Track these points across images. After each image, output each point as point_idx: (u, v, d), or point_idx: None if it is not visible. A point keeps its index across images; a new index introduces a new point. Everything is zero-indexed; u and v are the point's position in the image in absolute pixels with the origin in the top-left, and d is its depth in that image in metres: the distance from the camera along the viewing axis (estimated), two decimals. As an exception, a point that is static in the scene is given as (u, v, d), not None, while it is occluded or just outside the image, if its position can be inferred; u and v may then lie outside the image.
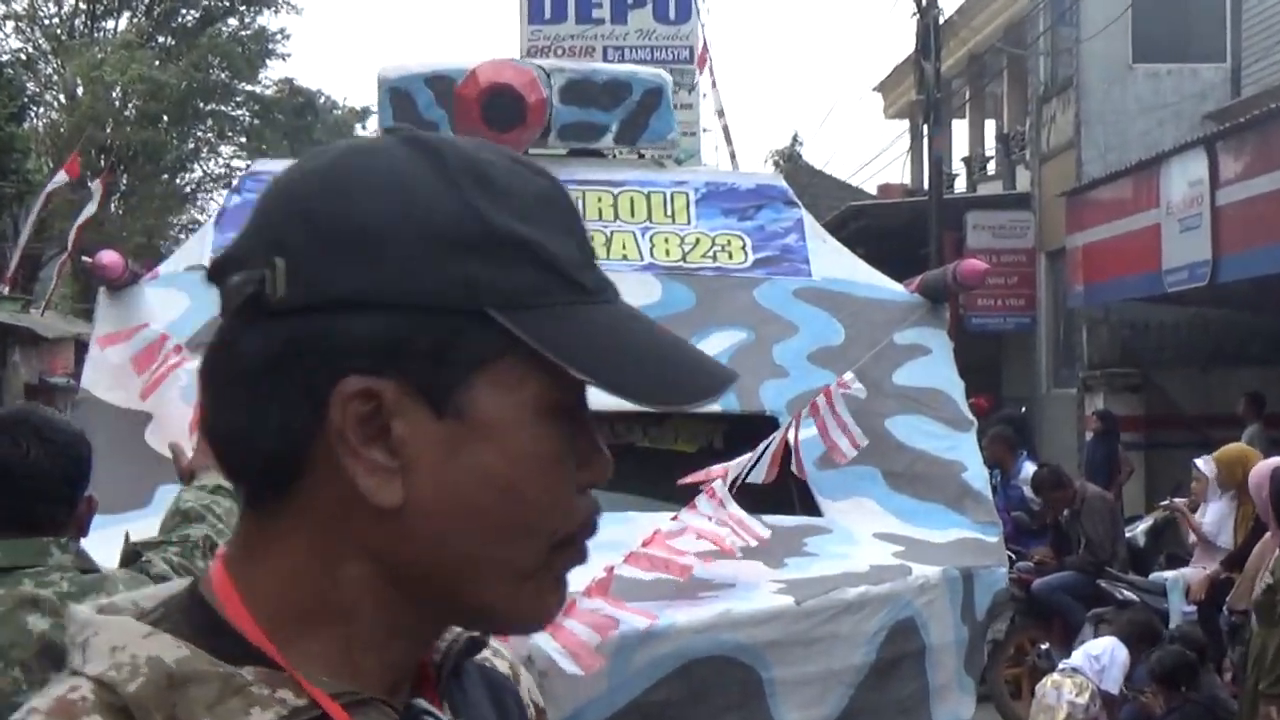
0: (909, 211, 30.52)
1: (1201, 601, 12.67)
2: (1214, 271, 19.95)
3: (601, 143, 9.43)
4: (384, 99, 9.45)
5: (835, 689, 6.71)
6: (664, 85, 9.74)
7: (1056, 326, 28.73)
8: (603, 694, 6.04)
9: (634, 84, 9.59)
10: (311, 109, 50.27)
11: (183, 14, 44.06)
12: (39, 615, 3.99)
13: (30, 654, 3.97)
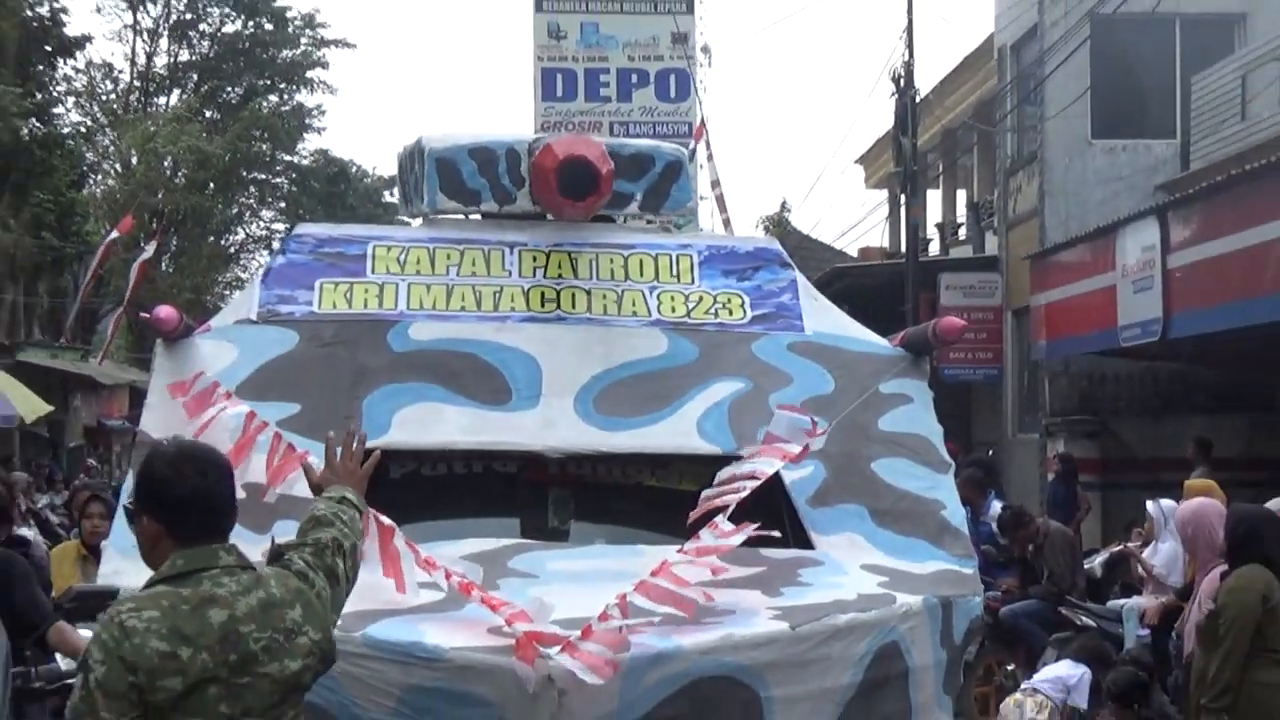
0: (888, 273, 30.53)
1: (1154, 627, 12.71)
2: (1165, 328, 20.00)
3: (628, 209, 9.41)
4: (430, 168, 9.36)
5: (826, 707, 6.68)
6: (683, 159, 9.74)
7: (1021, 378, 28.73)
8: (615, 710, 5.99)
9: (657, 157, 9.58)
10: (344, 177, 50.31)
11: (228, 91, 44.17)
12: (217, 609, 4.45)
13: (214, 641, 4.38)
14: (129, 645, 4.25)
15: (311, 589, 4.84)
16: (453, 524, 7.87)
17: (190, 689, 4.33)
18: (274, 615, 4.65)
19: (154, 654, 4.30)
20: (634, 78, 36.37)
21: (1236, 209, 18.49)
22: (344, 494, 5.41)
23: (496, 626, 6.14)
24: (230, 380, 8.03)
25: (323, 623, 4.87)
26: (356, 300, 8.73)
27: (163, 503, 4.61)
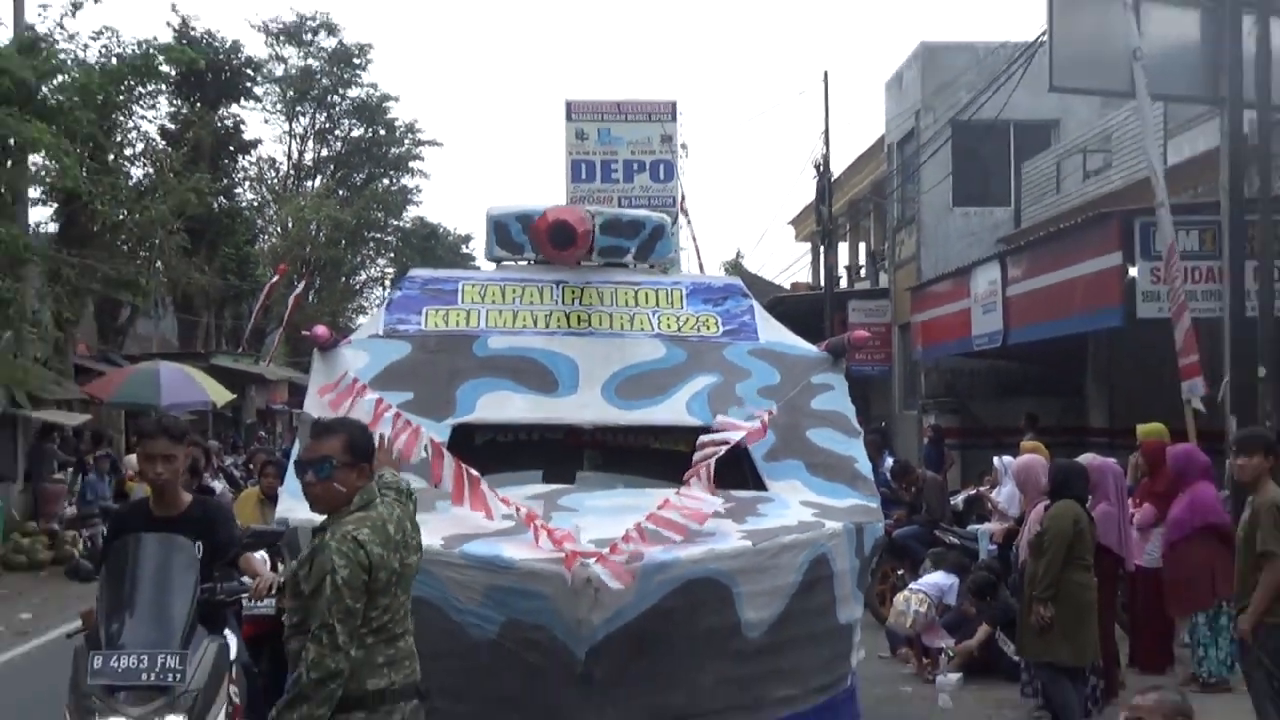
0: (812, 301, 30.40)
1: (999, 544, 12.72)
2: (1004, 338, 20.02)
3: (625, 259, 9.34)
4: (490, 228, 9.42)
5: (777, 598, 6.69)
6: (665, 224, 9.70)
7: (905, 372, 28.61)
8: (631, 603, 6.01)
9: (647, 223, 9.55)
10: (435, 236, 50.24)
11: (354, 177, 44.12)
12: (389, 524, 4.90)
13: (394, 546, 4.87)
14: (362, 553, 4.63)
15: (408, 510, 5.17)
16: (518, 474, 7.84)
17: (388, 579, 4.78)
18: (407, 526, 5.06)
19: (376, 556, 4.69)
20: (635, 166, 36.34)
21: (1052, 255, 18.48)
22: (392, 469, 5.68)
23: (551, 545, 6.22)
24: (365, 377, 8.05)
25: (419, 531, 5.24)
26: (451, 321, 8.74)
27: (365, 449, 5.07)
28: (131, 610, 5.19)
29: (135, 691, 4.93)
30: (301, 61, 41.43)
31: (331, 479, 4.83)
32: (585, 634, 5.97)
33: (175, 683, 4.96)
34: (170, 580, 5.32)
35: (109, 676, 4.91)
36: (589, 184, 38.18)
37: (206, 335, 35.73)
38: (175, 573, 5.35)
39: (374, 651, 4.79)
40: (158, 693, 4.94)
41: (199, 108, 33.70)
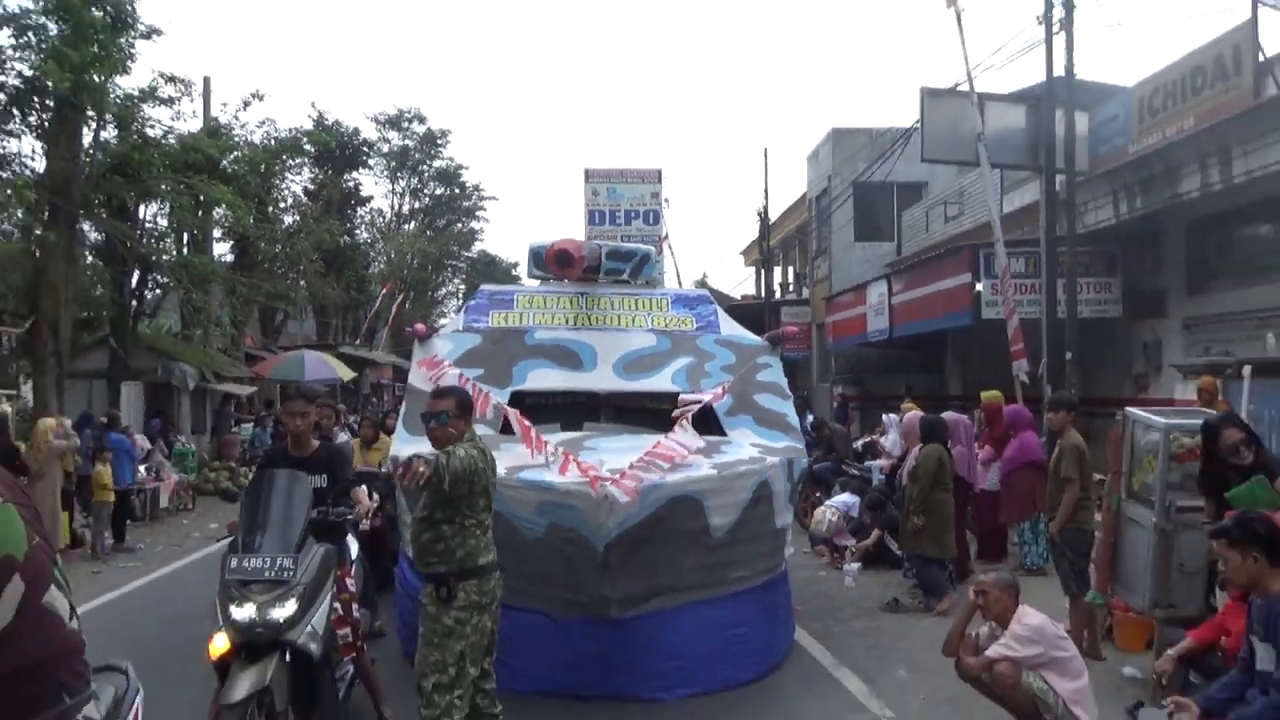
0: (756, 307, 30.25)
1: (887, 475, 12.74)
2: (890, 332, 20.00)
3: (623, 277, 9.24)
4: (530, 256, 9.41)
5: (734, 509, 6.73)
6: (651, 252, 9.66)
7: (821, 357, 28.50)
8: (635, 511, 6.04)
9: (638, 252, 9.52)
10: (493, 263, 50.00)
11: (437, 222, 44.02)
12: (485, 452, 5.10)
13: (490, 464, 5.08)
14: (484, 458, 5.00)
15: None
16: (556, 425, 7.86)
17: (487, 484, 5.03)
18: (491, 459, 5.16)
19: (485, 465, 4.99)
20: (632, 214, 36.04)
21: (923, 275, 18.46)
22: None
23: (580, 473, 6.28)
24: (450, 358, 8.09)
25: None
26: (509, 320, 8.72)
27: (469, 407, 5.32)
28: (262, 525, 5.16)
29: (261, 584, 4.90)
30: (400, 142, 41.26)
31: (448, 425, 5.00)
32: (603, 533, 6.00)
33: (288, 578, 4.91)
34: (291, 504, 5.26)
35: (241, 573, 4.93)
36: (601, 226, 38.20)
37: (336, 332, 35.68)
38: (295, 499, 5.29)
39: (481, 539, 4.92)
40: (278, 585, 4.90)
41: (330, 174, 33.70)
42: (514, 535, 6.29)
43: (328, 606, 5.19)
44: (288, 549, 5.03)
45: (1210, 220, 13.80)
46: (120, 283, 21.49)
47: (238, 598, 4.85)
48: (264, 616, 4.77)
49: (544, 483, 6.23)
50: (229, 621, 4.83)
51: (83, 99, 17.22)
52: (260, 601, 4.81)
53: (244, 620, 4.79)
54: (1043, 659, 5.52)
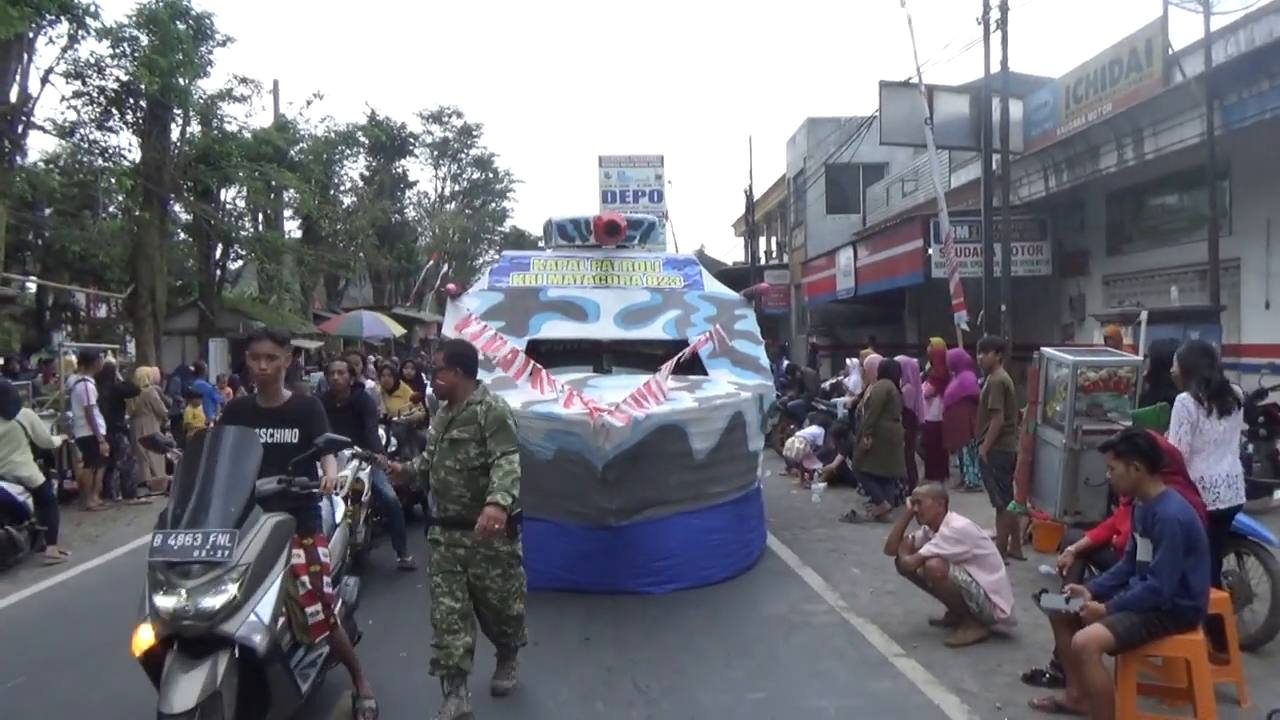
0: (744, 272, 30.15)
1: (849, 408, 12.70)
2: (856, 290, 19.89)
3: (634, 243, 9.12)
4: (549, 228, 9.35)
5: (713, 435, 6.74)
6: (656, 221, 9.55)
7: (799, 312, 28.43)
8: (628, 437, 6.07)
9: (645, 221, 9.41)
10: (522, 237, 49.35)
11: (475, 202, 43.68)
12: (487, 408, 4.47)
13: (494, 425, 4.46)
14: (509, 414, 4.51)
15: None
16: (566, 368, 7.82)
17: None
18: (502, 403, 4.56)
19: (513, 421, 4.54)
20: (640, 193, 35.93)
21: (882, 242, 18.38)
22: None
23: (582, 406, 6.33)
24: (477, 312, 8.05)
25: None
26: (527, 280, 8.64)
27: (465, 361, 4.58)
28: (197, 495, 3.67)
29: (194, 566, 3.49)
30: (442, 134, 40.86)
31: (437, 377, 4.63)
32: (601, 455, 6.04)
33: (224, 558, 3.49)
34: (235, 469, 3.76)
35: (165, 554, 3.50)
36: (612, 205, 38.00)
37: (389, 296, 35.63)
38: (242, 462, 3.80)
39: None
40: (213, 567, 3.50)
41: (382, 162, 33.50)
42: (528, 459, 6.28)
43: (279, 588, 3.79)
44: (226, 523, 3.59)
45: (1126, 192, 13.69)
46: (206, 255, 21.58)
47: (164, 583, 3.49)
48: (195, 605, 3.44)
49: (552, 414, 6.28)
50: (153, 611, 3.49)
51: (170, 99, 17.18)
52: (190, 587, 3.47)
53: (169, 609, 3.44)
54: (966, 556, 5.60)
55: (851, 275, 19.99)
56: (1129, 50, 12.59)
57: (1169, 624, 3.98)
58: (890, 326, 22.08)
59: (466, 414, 4.45)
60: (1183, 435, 4.85)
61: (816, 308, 25.28)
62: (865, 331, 21.55)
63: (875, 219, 23.51)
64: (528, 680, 5.03)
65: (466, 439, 4.43)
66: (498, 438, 4.38)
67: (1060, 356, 6.49)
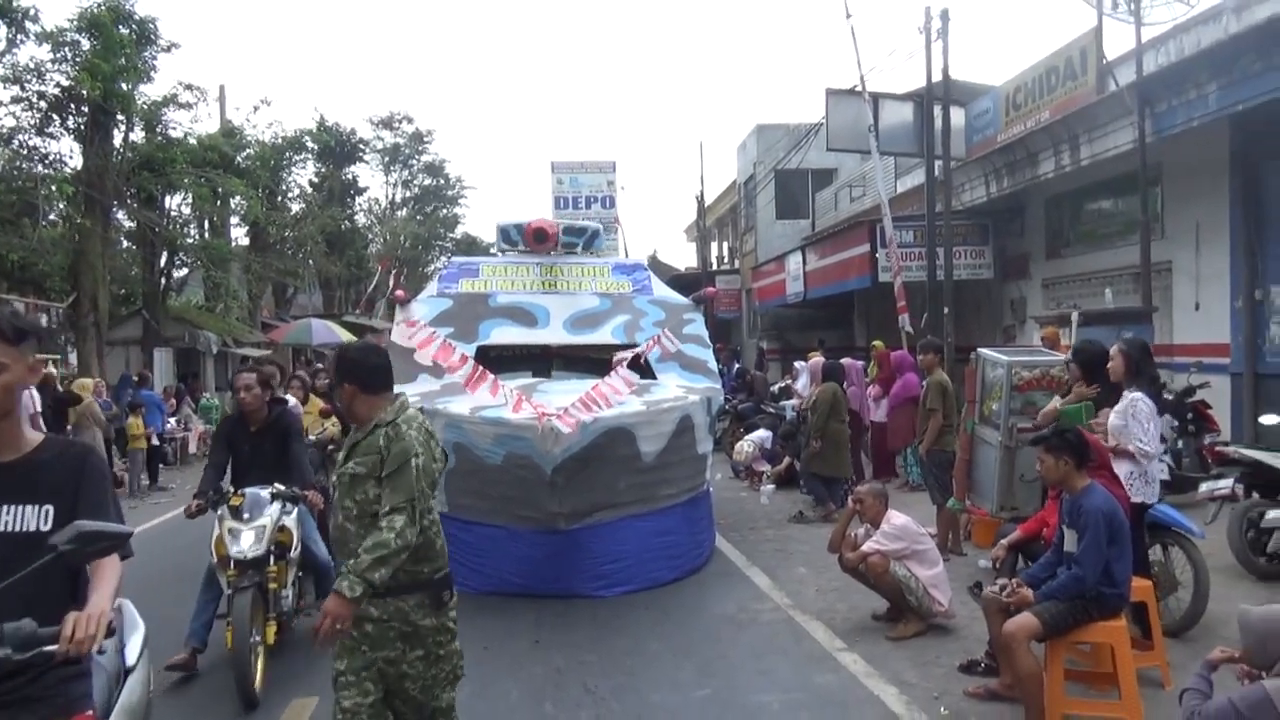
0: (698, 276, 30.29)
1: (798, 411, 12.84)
2: (805, 295, 20.14)
3: (576, 249, 9.20)
4: (498, 233, 9.41)
5: (661, 438, 6.80)
6: (599, 229, 9.59)
7: (748, 316, 28.63)
8: (577, 440, 6.13)
9: (589, 228, 9.46)
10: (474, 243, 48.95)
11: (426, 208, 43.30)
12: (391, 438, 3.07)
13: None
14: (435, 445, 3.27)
15: None
16: (516, 374, 7.86)
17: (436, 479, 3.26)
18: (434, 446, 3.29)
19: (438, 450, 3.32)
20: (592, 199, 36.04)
21: (830, 247, 18.62)
22: None
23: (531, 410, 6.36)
24: (425, 319, 8.05)
25: None
26: (476, 287, 8.65)
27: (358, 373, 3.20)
28: None
29: None
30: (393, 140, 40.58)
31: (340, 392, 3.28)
32: (550, 459, 6.09)
33: None
34: None
35: None
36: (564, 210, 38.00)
37: (340, 303, 35.26)
38: None
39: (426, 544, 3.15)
40: None
41: (331, 168, 33.18)
42: (477, 463, 6.39)
43: None
44: None
45: (1064, 197, 14.06)
46: (151, 263, 21.19)
47: None
48: None
49: (500, 419, 6.32)
50: None
51: (113, 105, 16.90)
52: None
53: None
54: (906, 551, 5.75)
55: (801, 279, 20.19)
56: (1064, 59, 12.95)
57: (1094, 611, 4.14)
58: (839, 330, 22.31)
59: (369, 440, 3.14)
60: (1151, 433, 5.00)
61: (767, 312, 25.46)
62: (815, 335, 21.64)
63: (824, 224, 23.74)
64: (478, 684, 5.06)
65: (364, 474, 3.11)
66: (392, 482, 3.05)
67: (996, 357, 6.69)
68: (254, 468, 5.46)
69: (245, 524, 5.16)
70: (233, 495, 5.28)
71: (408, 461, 3.07)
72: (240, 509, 5.22)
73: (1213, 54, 9.74)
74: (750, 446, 11.76)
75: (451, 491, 6.72)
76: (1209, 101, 9.84)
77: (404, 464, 3.06)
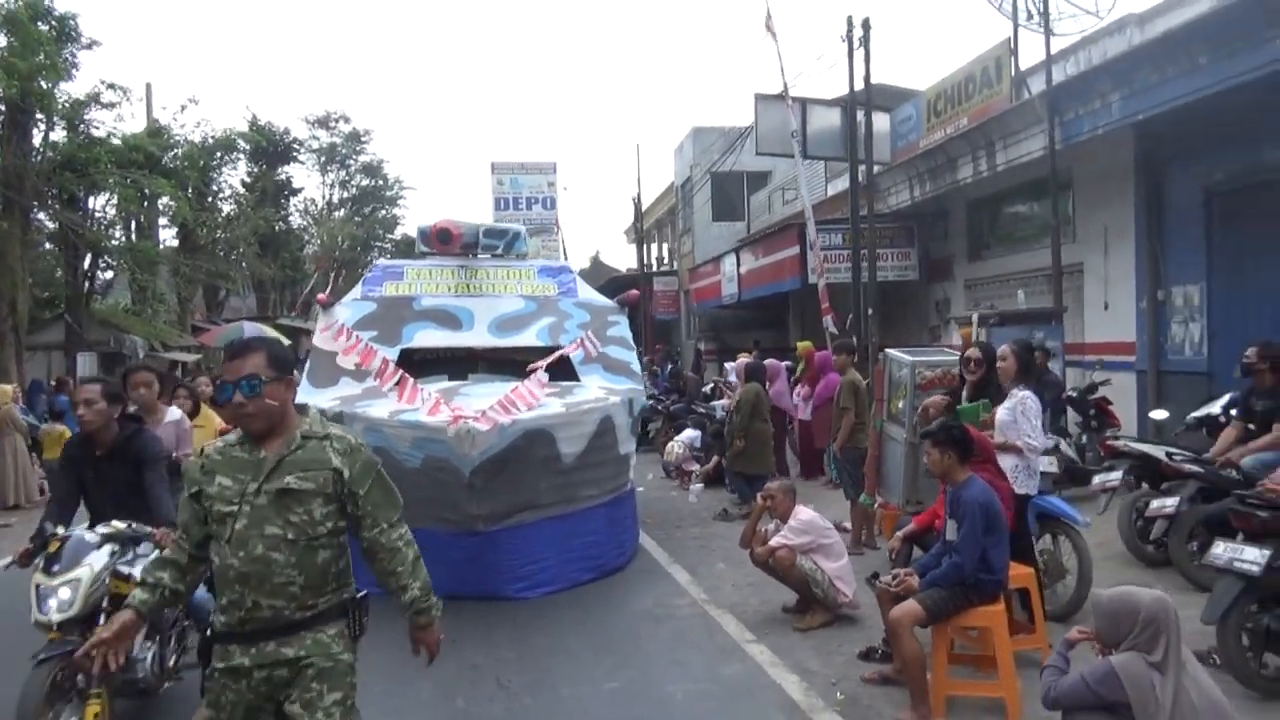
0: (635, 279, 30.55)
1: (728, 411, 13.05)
2: (740, 295, 20.39)
3: (498, 253, 9.20)
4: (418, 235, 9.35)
5: (581, 439, 6.92)
6: (521, 231, 9.59)
7: (686, 317, 28.88)
8: (495, 442, 6.22)
9: (510, 230, 9.49)
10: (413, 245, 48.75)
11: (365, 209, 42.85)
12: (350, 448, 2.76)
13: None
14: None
15: None
16: (437, 377, 7.88)
17: None
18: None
19: None
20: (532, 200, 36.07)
21: (762, 248, 18.90)
22: None
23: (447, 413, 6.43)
24: (349, 323, 8.00)
25: None
26: (400, 290, 8.62)
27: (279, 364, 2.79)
28: None
29: None
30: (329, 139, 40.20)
31: (262, 395, 2.72)
32: (468, 461, 6.18)
33: None
34: None
35: None
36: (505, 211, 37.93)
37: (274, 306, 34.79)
38: None
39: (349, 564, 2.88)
40: None
41: (264, 168, 32.74)
42: (396, 468, 6.38)
43: None
44: None
45: (984, 201, 14.54)
46: (74, 265, 20.76)
47: None
48: None
49: (418, 421, 6.39)
50: None
51: (31, 104, 16.55)
52: None
53: None
54: (812, 545, 6.00)
55: (735, 281, 20.47)
56: (981, 68, 13.42)
57: (973, 597, 4.41)
58: (775, 331, 22.62)
59: (306, 453, 2.76)
60: (1037, 428, 5.30)
61: (704, 313, 25.70)
62: (751, 336, 21.91)
63: (759, 226, 24.04)
64: (391, 681, 5.17)
65: (311, 491, 2.73)
66: (373, 497, 2.81)
67: (900, 357, 6.98)
68: (105, 501, 4.53)
69: (56, 577, 4.11)
70: (53, 539, 4.31)
71: (379, 471, 2.85)
72: (55, 557, 4.19)
73: (1114, 65, 10.21)
74: (680, 447, 11.96)
75: (372, 494, 6.82)
76: (1112, 110, 10.30)
77: (378, 474, 2.84)
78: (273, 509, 2.70)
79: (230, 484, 2.74)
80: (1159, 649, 3.12)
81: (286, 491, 2.71)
